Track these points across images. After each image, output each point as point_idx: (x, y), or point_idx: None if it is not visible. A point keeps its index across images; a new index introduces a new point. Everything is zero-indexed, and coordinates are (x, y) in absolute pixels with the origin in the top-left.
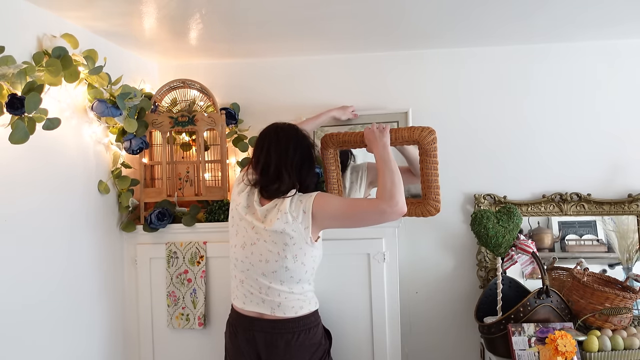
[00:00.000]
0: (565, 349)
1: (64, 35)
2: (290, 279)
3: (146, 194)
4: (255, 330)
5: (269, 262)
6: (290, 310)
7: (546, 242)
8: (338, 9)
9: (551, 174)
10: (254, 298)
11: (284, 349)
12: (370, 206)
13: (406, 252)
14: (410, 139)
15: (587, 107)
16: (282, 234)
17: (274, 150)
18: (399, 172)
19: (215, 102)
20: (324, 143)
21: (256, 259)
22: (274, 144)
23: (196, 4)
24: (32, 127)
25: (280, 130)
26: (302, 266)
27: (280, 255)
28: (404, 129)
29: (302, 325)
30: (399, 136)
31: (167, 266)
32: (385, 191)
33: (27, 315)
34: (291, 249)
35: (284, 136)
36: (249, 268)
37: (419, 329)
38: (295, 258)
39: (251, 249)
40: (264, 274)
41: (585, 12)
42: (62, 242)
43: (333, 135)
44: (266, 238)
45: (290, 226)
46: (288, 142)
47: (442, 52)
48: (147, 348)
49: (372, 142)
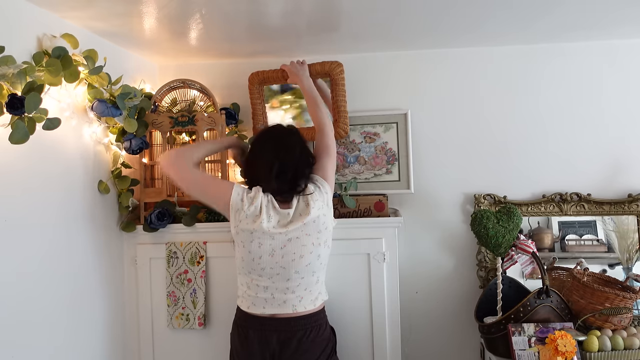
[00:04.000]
0: (565, 349)
1: (64, 35)
2: (319, 266)
3: (146, 194)
4: (268, 330)
5: (304, 256)
6: (310, 303)
7: (546, 242)
8: (337, 9)
9: (551, 174)
10: (275, 301)
11: (297, 346)
12: (331, 138)
13: (406, 252)
14: (322, 71)
15: (587, 107)
16: (316, 223)
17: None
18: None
19: (215, 102)
20: (250, 80)
21: (289, 259)
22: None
23: (196, 4)
24: (32, 127)
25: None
26: (328, 249)
27: (314, 244)
28: (316, 63)
29: (313, 322)
30: (312, 70)
31: (167, 266)
32: (325, 115)
33: (26, 314)
34: (324, 235)
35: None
36: (280, 272)
37: (419, 328)
38: (325, 243)
39: (281, 252)
40: (297, 271)
41: (585, 13)
42: (62, 242)
43: (258, 73)
44: (298, 234)
45: (322, 210)
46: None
47: (442, 52)
48: (147, 348)
49: (295, 74)
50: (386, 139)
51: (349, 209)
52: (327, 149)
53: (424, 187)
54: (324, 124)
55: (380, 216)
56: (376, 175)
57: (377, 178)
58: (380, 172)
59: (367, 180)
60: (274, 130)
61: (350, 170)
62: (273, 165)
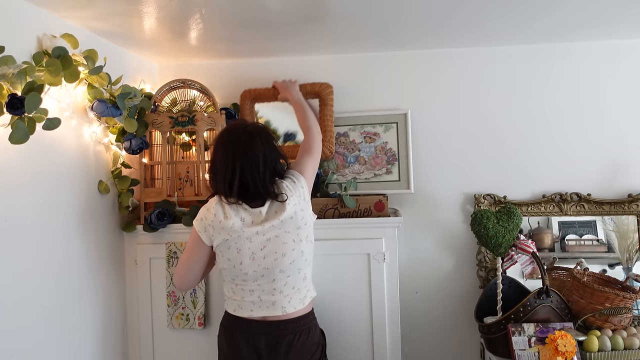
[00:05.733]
0: (565, 349)
1: (64, 35)
2: (304, 262)
3: (146, 194)
4: (256, 333)
5: (286, 254)
6: (299, 302)
7: (546, 242)
8: (337, 9)
9: (551, 174)
10: (263, 304)
11: (286, 350)
12: (316, 139)
13: (406, 252)
14: (312, 91)
15: (587, 107)
16: (294, 219)
17: (248, 170)
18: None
19: (215, 102)
20: (242, 97)
21: (271, 259)
22: (240, 163)
23: (196, 4)
24: (32, 127)
25: (244, 140)
26: (311, 244)
27: (295, 241)
28: (307, 84)
29: (303, 324)
30: (303, 90)
31: (167, 266)
32: (313, 119)
33: (26, 314)
34: (304, 231)
35: (249, 149)
36: (264, 274)
37: (419, 328)
38: (307, 238)
39: (262, 254)
40: (282, 270)
41: (585, 12)
42: (62, 242)
43: (250, 91)
44: (277, 233)
45: (299, 206)
46: (257, 157)
47: (442, 52)
48: (147, 348)
49: (285, 90)
50: (386, 139)
51: (349, 209)
52: (310, 148)
53: (424, 187)
54: (310, 126)
55: (380, 216)
56: (376, 175)
57: (377, 178)
58: (380, 172)
59: (367, 180)
60: (232, 135)
61: (350, 170)
62: (233, 181)
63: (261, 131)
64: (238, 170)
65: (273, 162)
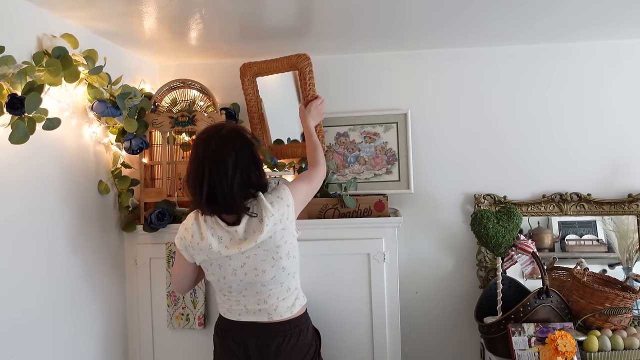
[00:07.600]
0: (565, 349)
1: (64, 35)
2: (287, 276)
3: (146, 194)
4: (246, 334)
5: (266, 271)
6: (286, 311)
7: (546, 242)
8: (337, 9)
9: (551, 174)
10: (249, 311)
11: (275, 352)
12: (320, 175)
13: (406, 252)
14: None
15: (588, 107)
16: (273, 239)
17: (215, 175)
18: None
19: (215, 102)
20: (242, 72)
21: (251, 275)
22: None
23: (196, 4)
24: (32, 127)
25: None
26: (294, 259)
27: (275, 259)
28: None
29: (293, 327)
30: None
31: (167, 266)
32: (323, 163)
33: (26, 315)
34: (284, 249)
35: (218, 154)
36: (247, 287)
37: (418, 328)
38: (288, 255)
39: (242, 270)
40: (263, 284)
41: (587, 12)
42: (62, 242)
43: (251, 64)
44: (256, 252)
45: (279, 226)
46: (225, 163)
47: (442, 52)
48: (147, 348)
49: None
50: (386, 139)
51: (349, 209)
52: (312, 180)
53: (424, 187)
54: (319, 162)
55: (380, 216)
56: (376, 175)
57: (377, 178)
58: (380, 172)
59: (367, 180)
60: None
61: (350, 170)
62: (202, 186)
63: (236, 135)
64: (207, 175)
65: (245, 170)
